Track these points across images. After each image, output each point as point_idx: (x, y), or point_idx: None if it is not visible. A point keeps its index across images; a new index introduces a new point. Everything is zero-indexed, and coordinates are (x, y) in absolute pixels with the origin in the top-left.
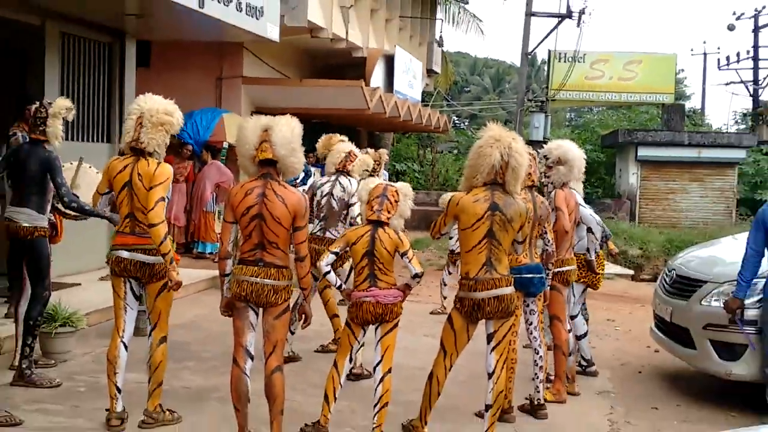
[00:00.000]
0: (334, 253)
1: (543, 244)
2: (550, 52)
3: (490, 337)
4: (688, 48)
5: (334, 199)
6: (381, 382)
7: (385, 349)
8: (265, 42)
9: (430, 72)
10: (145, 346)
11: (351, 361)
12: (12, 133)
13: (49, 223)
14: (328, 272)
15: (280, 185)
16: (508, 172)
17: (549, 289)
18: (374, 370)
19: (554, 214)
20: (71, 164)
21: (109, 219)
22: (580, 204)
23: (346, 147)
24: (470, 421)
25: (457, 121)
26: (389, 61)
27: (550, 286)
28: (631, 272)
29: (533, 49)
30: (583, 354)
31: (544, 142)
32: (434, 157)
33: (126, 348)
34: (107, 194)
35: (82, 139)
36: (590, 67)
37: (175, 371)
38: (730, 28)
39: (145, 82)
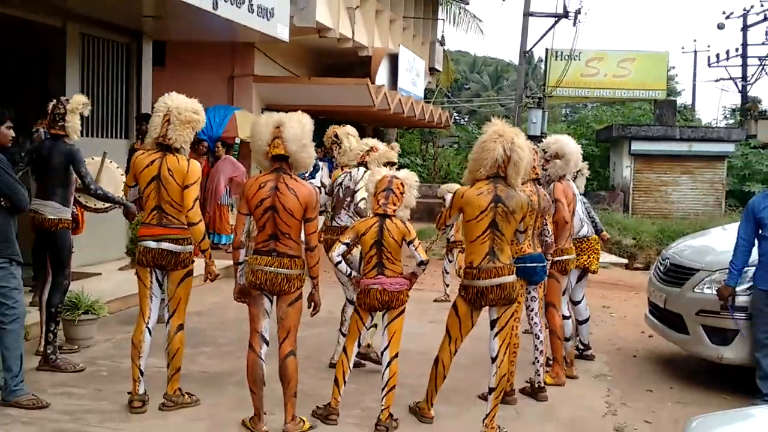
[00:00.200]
0: (345, 244)
1: (542, 235)
2: (547, 50)
3: (493, 323)
4: (680, 46)
5: (341, 188)
6: (388, 366)
7: (392, 335)
8: (276, 42)
9: (432, 70)
10: (164, 333)
11: (360, 345)
12: (35, 130)
13: (72, 215)
14: (339, 262)
15: (292, 179)
16: (510, 166)
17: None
18: (381, 354)
19: (554, 206)
20: (93, 159)
21: (125, 206)
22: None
23: (370, 142)
24: (474, 403)
25: (458, 117)
26: (393, 60)
27: (549, 274)
28: (625, 261)
29: (531, 48)
30: (582, 338)
31: (542, 137)
32: (436, 151)
33: (150, 333)
34: (135, 187)
35: (101, 135)
36: (586, 64)
37: (193, 356)
38: (720, 26)
39: (161, 81)
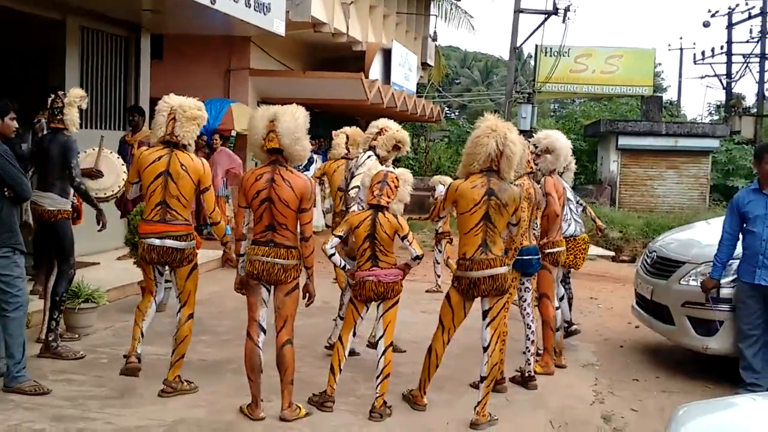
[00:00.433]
0: (339, 237)
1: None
2: (536, 46)
3: (485, 314)
4: (666, 43)
5: (349, 174)
6: (383, 354)
7: (387, 325)
8: (272, 36)
9: (424, 65)
10: (165, 322)
11: (354, 335)
12: (37, 120)
13: (72, 206)
14: (332, 254)
15: (288, 170)
16: (502, 160)
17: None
18: (376, 344)
19: (545, 200)
20: (93, 150)
21: (98, 212)
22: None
23: (380, 123)
24: (466, 391)
25: (448, 112)
26: (387, 55)
27: (541, 266)
28: (612, 254)
29: (521, 44)
30: (565, 317)
31: (532, 132)
32: (427, 145)
33: (156, 306)
34: (137, 183)
35: (100, 127)
36: (574, 61)
37: (192, 344)
38: (706, 24)
39: (158, 74)
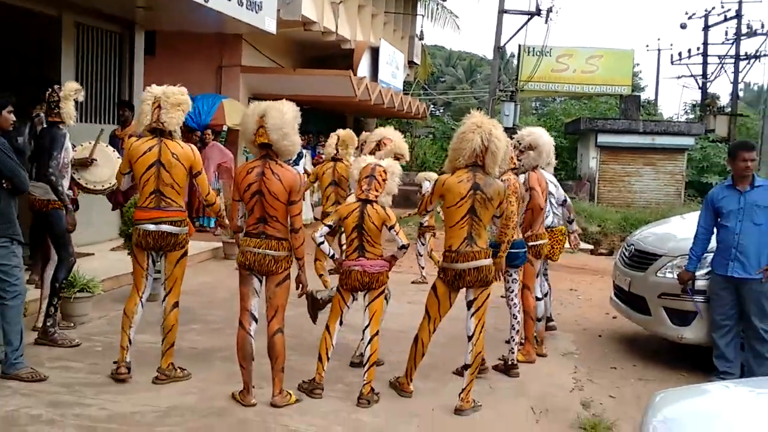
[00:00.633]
0: (328, 226)
1: None
2: (519, 46)
3: (469, 304)
4: (644, 44)
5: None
6: (369, 343)
7: (373, 314)
8: (263, 34)
9: (410, 63)
10: (156, 311)
11: (341, 324)
12: (35, 114)
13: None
14: (321, 243)
15: (278, 164)
16: (487, 156)
17: None
18: (363, 332)
19: (529, 194)
20: (89, 143)
21: (66, 209)
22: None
23: (381, 132)
24: (451, 379)
25: (434, 109)
26: (374, 53)
27: None
28: (591, 247)
29: (505, 44)
30: (548, 311)
31: (514, 129)
32: (413, 141)
33: (142, 306)
34: (128, 174)
35: (95, 121)
36: (556, 60)
37: (183, 333)
38: (683, 26)
39: (151, 70)
